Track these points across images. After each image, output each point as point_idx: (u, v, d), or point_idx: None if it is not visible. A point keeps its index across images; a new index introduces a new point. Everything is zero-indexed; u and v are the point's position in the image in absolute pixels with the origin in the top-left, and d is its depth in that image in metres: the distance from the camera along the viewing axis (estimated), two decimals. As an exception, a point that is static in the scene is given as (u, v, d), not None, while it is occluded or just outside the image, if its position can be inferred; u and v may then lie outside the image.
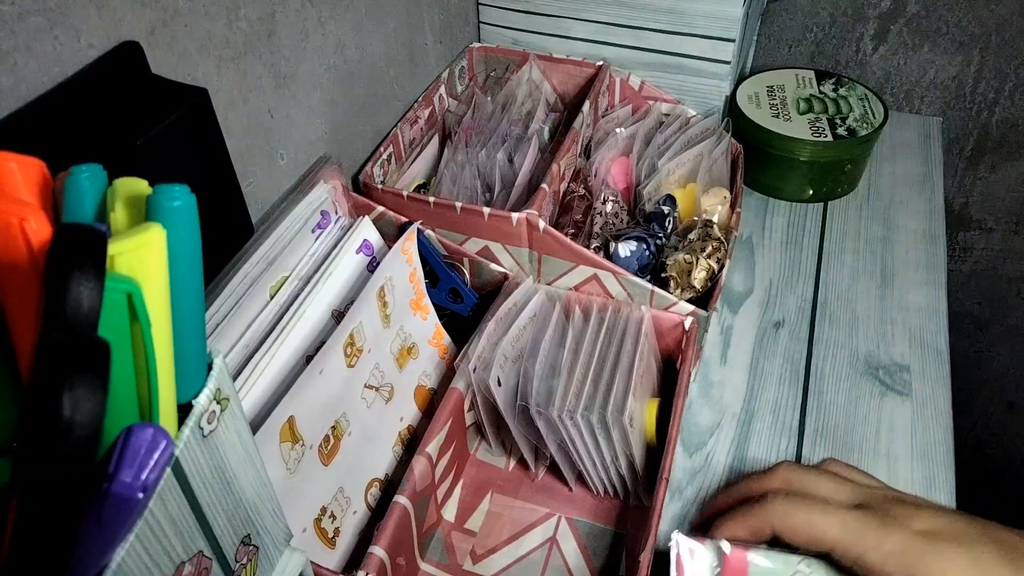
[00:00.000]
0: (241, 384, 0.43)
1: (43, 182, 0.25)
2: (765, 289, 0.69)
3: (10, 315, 0.22)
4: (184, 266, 0.24)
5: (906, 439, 0.56)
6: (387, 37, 0.63)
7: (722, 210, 0.63)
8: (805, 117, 0.75)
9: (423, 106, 0.68)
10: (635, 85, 0.75)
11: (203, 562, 0.28)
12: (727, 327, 0.66)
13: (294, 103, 0.53)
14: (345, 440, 0.47)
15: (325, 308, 0.50)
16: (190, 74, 0.44)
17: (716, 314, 0.65)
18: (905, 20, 0.89)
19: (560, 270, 0.57)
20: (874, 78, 0.95)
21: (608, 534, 0.51)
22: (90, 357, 0.19)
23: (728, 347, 0.64)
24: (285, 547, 0.35)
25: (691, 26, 0.70)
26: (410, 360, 0.55)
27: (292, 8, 0.51)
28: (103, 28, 0.37)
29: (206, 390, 0.27)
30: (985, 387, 1.19)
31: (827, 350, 0.63)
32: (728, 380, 0.61)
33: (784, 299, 0.68)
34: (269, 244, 0.49)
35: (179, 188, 0.24)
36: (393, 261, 0.53)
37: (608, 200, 0.63)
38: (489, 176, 0.63)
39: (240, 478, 0.30)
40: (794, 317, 0.66)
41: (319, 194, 0.54)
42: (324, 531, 0.45)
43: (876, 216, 0.76)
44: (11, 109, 0.34)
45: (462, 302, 0.59)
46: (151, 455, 0.21)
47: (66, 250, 0.20)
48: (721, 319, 0.66)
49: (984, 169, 0.98)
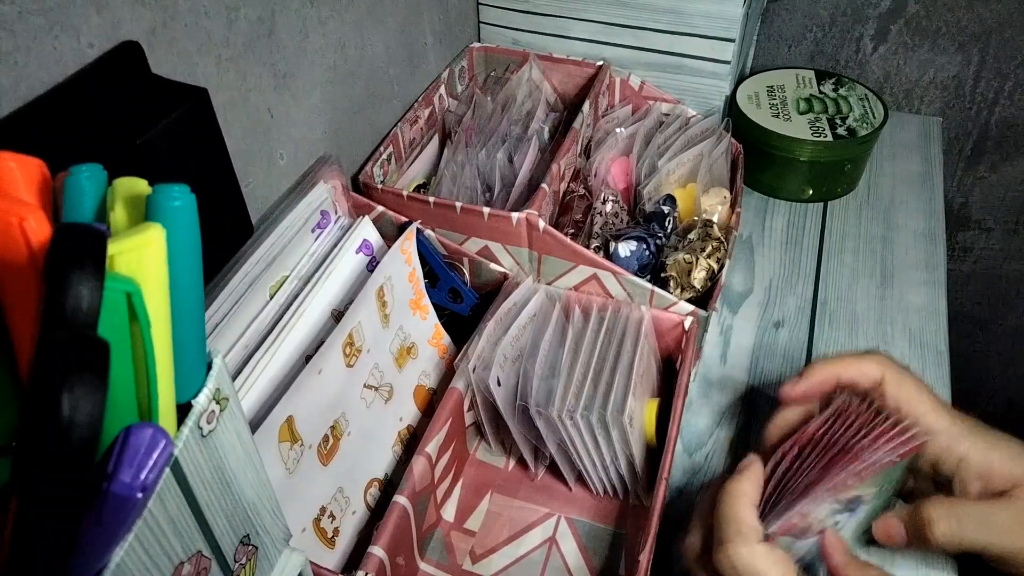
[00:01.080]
0: (240, 384, 0.43)
1: (43, 182, 0.25)
2: (765, 289, 0.69)
3: (10, 315, 0.22)
4: (184, 266, 0.24)
5: (906, 439, 0.56)
6: (387, 37, 0.63)
7: (722, 210, 0.63)
8: (805, 117, 0.75)
9: (423, 106, 0.68)
10: (635, 85, 0.75)
11: (202, 562, 0.28)
12: (727, 327, 0.66)
13: (294, 103, 0.53)
14: (344, 440, 0.48)
15: (325, 308, 0.50)
16: (190, 74, 0.44)
17: (716, 314, 0.65)
18: (905, 20, 0.89)
19: (560, 270, 0.57)
20: (874, 78, 0.95)
21: (608, 534, 0.51)
22: (90, 357, 0.19)
23: (728, 347, 0.64)
24: (284, 547, 0.35)
25: (691, 26, 0.70)
26: (409, 360, 0.55)
27: (292, 8, 0.51)
28: (103, 28, 0.37)
29: (205, 390, 0.27)
30: (985, 387, 1.19)
31: (827, 350, 0.63)
32: (728, 380, 0.61)
33: (784, 299, 0.68)
34: (269, 244, 0.49)
35: (179, 188, 0.24)
36: (392, 261, 0.53)
37: (608, 200, 0.63)
38: (489, 176, 0.63)
39: (239, 478, 0.30)
40: (794, 317, 0.66)
41: (319, 194, 0.54)
42: (323, 531, 0.45)
43: (876, 216, 0.76)
44: (11, 109, 0.34)
45: (462, 302, 0.59)
46: (150, 455, 0.21)
47: (66, 250, 0.20)
48: (721, 319, 0.66)
49: (984, 169, 0.98)
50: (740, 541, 0.37)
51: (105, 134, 0.36)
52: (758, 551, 0.37)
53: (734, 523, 0.38)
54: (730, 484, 0.40)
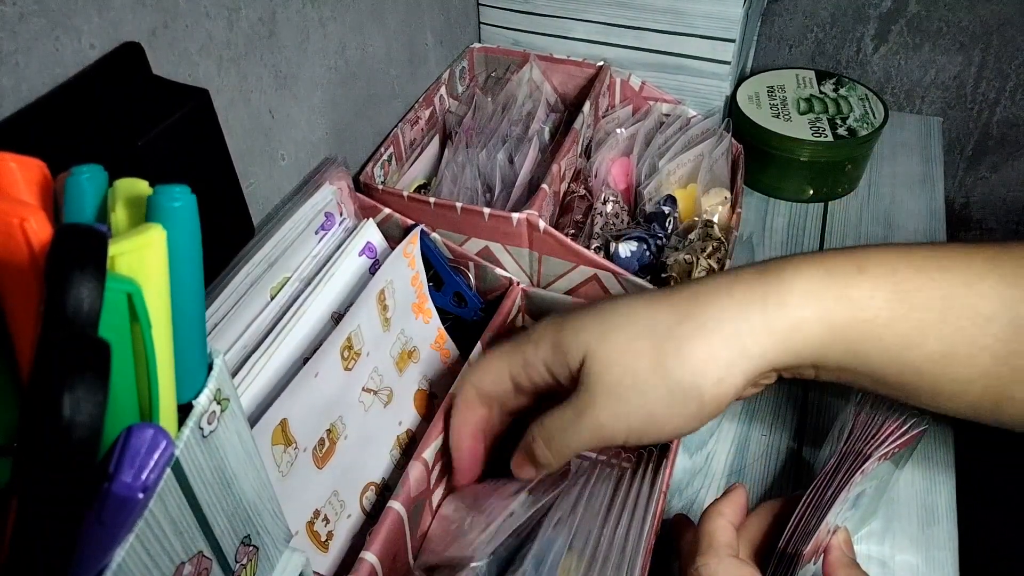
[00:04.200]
0: (236, 384, 0.43)
1: (43, 182, 0.25)
2: (766, 289, 0.69)
3: (10, 315, 0.22)
4: (184, 267, 0.24)
5: (907, 439, 0.56)
6: (388, 37, 0.63)
7: (722, 210, 0.63)
8: (805, 117, 0.75)
9: (424, 106, 0.68)
10: (635, 85, 0.75)
11: (203, 562, 0.28)
12: (728, 327, 0.65)
13: (295, 103, 0.53)
14: (340, 443, 0.47)
15: (325, 310, 0.50)
16: (191, 75, 0.44)
17: (717, 314, 0.65)
18: (906, 20, 0.89)
19: (560, 270, 0.57)
20: (874, 78, 0.95)
21: (609, 534, 0.51)
22: (90, 357, 0.19)
23: (729, 347, 0.64)
24: (285, 547, 0.35)
25: (691, 26, 0.70)
26: (410, 364, 0.54)
27: (293, 8, 0.51)
28: (104, 29, 0.37)
29: (206, 390, 0.27)
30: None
31: (828, 350, 0.63)
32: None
33: (785, 299, 0.68)
34: (271, 245, 0.49)
35: (179, 189, 0.24)
36: (395, 264, 0.53)
37: (608, 200, 0.63)
38: (489, 176, 0.63)
39: (240, 478, 0.30)
40: (795, 317, 0.66)
41: (324, 195, 0.53)
42: (316, 534, 0.45)
43: (876, 216, 0.76)
44: (12, 110, 0.34)
45: (466, 306, 0.59)
46: (151, 455, 0.21)
47: (67, 250, 0.20)
48: (722, 319, 0.66)
49: (985, 169, 0.98)
50: (711, 554, 0.39)
51: (106, 135, 0.36)
52: (725, 563, 0.38)
53: (707, 537, 0.39)
54: (711, 505, 0.41)
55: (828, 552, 0.41)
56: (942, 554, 0.50)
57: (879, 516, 0.51)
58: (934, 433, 0.56)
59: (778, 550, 0.40)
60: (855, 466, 0.41)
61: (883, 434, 0.42)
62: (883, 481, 0.47)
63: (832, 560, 0.40)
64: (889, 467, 0.46)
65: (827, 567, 0.40)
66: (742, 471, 0.55)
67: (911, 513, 0.52)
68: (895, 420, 0.43)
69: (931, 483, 0.53)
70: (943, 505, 0.52)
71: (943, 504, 0.52)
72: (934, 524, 0.51)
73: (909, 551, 0.50)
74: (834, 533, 0.41)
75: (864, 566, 0.41)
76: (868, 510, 0.49)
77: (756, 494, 0.54)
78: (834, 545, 0.41)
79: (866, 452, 0.42)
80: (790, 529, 0.40)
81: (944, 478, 0.54)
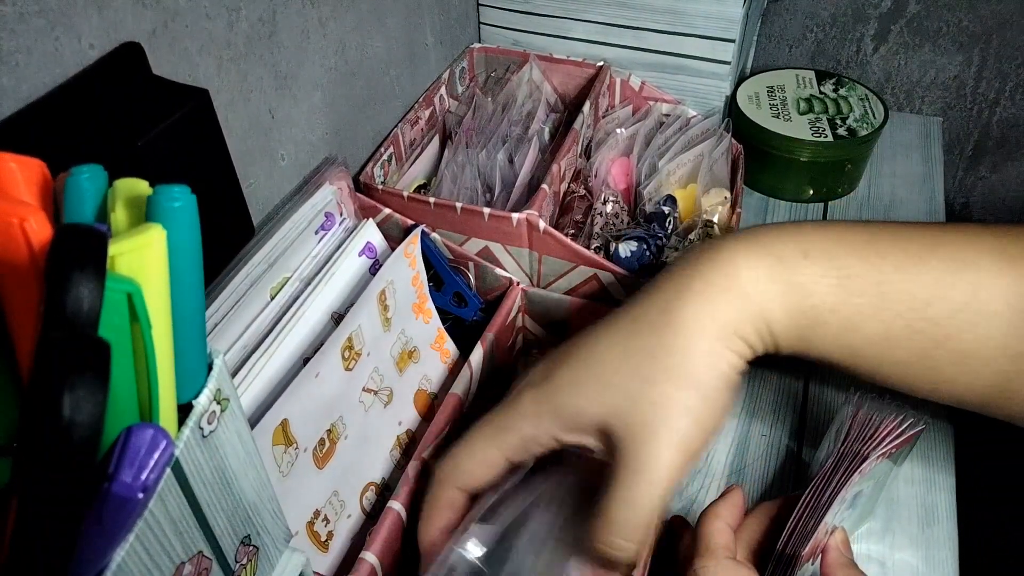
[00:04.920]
0: (237, 385, 0.43)
1: (43, 182, 0.25)
2: (766, 289, 0.69)
3: (10, 315, 0.23)
4: (184, 267, 0.24)
5: (907, 439, 0.56)
6: (388, 38, 0.63)
7: (722, 210, 0.63)
8: (805, 117, 0.75)
9: (424, 106, 0.68)
10: (635, 85, 0.75)
11: (203, 562, 0.28)
12: (727, 327, 0.65)
13: (295, 104, 0.53)
14: (341, 443, 0.47)
15: (325, 310, 0.50)
16: (191, 75, 0.44)
17: (716, 314, 0.65)
18: (906, 20, 0.89)
19: (560, 270, 0.57)
20: (874, 78, 0.95)
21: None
22: (90, 357, 0.19)
23: (728, 347, 0.64)
24: (285, 547, 0.35)
25: (691, 26, 0.70)
26: (411, 364, 0.54)
27: (293, 8, 0.51)
28: (104, 29, 0.37)
29: (206, 390, 0.27)
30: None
31: (828, 350, 0.63)
32: (728, 380, 0.61)
33: (785, 299, 0.68)
34: (271, 245, 0.49)
35: (179, 189, 0.24)
36: (395, 264, 0.53)
37: (608, 200, 0.63)
38: (489, 177, 0.63)
39: (240, 478, 0.30)
40: (795, 317, 0.66)
41: (324, 195, 0.53)
42: (316, 534, 0.45)
43: (876, 216, 0.76)
44: (12, 110, 0.34)
45: (466, 306, 0.59)
46: (151, 455, 0.21)
47: (67, 250, 0.20)
48: (721, 319, 0.66)
49: (985, 169, 0.98)
50: (708, 556, 0.39)
51: (106, 135, 0.36)
52: (723, 565, 0.38)
53: (704, 540, 0.40)
54: (708, 507, 0.42)
55: (826, 553, 0.41)
56: (942, 554, 0.50)
57: (877, 515, 0.51)
58: (933, 432, 0.56)
59: (776, 551, 0.40)
60: (853, 466, 0.41)
61: (881, 434, 0.43)
62: (881, 480, 0.47)
63: (830, 561, 0.40)
64: (887, 465, 0.46)
65: (825, 567, 0.40)
66: (741, 471, 0.55)
67: (911, 513, 0.52)
68: (893, 420, 0.43)
69: (931, 483, 0.53)
70: (943, 505, 0.52)
71: (943, 504, 0.52)
72: (934, 524, 0.51)
73: (908, 551, 0.50)
74: (832, 533, 0.41)
75: (863, 566, 0.41)
76: (866, 509, 0.49)
77: (755, 494, 0.54)
78: (832, 546, 0.41)
79: (864, 452, 0.42)
80: (788, 530, 0.40)
81: (944, 478, 0.54)
